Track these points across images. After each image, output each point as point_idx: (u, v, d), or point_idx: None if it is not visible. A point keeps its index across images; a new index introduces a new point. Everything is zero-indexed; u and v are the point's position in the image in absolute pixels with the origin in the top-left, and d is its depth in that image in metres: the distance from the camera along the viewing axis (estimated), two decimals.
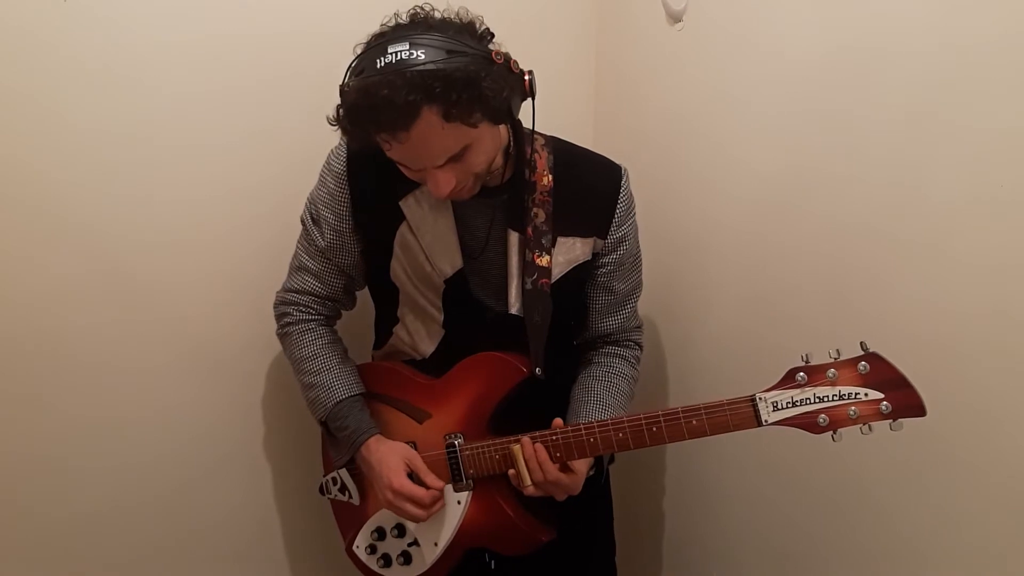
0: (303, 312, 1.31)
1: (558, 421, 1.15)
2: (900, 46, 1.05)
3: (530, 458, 1.13)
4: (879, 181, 1.11)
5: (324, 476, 1.35)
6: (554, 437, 1.14)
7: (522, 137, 1.19)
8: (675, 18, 1.47)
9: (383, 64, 0.98)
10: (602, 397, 1.26)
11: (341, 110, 1.04)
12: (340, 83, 1.04)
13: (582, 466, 1.16)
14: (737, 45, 1.34)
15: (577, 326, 1.35)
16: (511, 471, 1.15)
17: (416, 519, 1.19)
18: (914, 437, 1.07)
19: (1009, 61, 0.93)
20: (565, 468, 1.15)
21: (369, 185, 1.20)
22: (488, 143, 1.09)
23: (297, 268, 1.30)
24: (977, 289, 1.00)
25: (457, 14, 1.06)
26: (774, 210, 1.30)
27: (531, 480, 1.14)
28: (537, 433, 1.15)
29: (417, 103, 0.97)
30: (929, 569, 1.11)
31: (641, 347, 1.36)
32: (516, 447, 1.14)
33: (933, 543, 1.10)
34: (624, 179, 1.25)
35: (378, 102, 0.96)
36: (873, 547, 1.19)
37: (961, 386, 1.03)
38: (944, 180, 1.02)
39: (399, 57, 0.98)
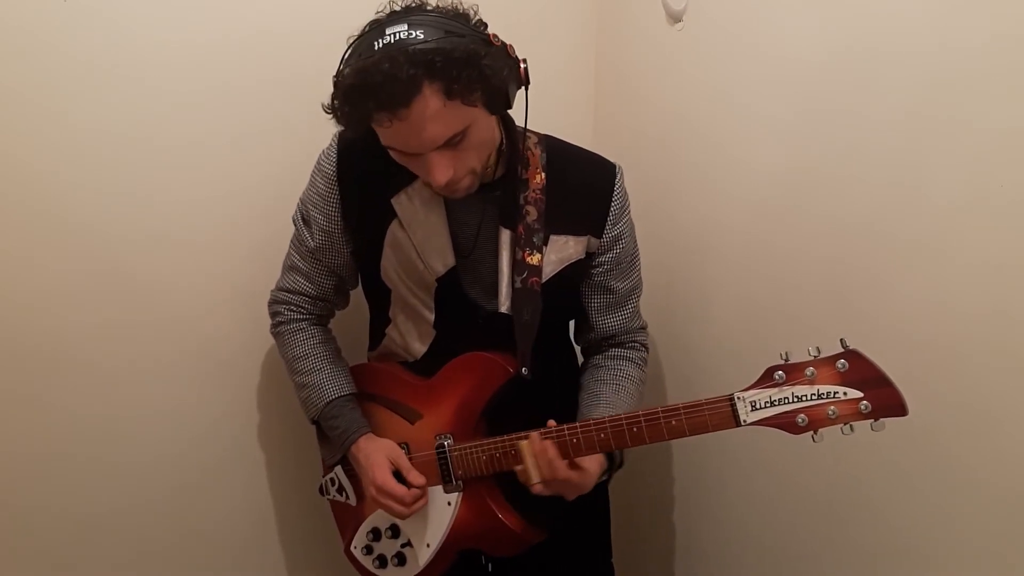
0: (294, 311, 1.31)
1: (552, 423, 1.13)
2: (900, 46, 1.05)
3: (539, 454, 1.10)
4: (879, 181, 1.11)
5: (323, 476, 1.35)
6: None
7: (515, 133, 1.19)
8: (675, 18, 1.47)
9: (381, 44, 0.98)
10: (610, 400, 1.24)
11: (337, 97, 1.02)
12: (334, 74, 1.03)
13: (593, 464, 1.14)
14: (737, 45, 1.34)
15: (580, 329, 1.35)
16: (518, 467, 1.13)
17: (399, 516, 1.19)
18: (915, 438, 1.07)
19: (1009, 61, 0.93)
20: (574, 465, 1.12)
21: (360, 184, 1.20)
22: (484, 131, 1.08)
23: (289, 268, 1.31)
24: (977, 289, 1.00)
25: (451, 4, 1.06)
26: (774, 210, 1.30)
27: (539, 477, 1.10)
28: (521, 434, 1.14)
29: (419, 77, 0.96)
30: (929, 570, 1.11)
31: (647, 348, 1.35)
32: (523, 443, 1.11)
33: (934, 544, 1.10)
34: (618, 176, 1.24)
35: (379, 78, 0.95)
36: (873, 548, 1.19)
37: (961, 386, 1.03)
38: (944, 180, 1.02)
39: (398, 37, 0.97)
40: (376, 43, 0.98)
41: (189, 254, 1.43)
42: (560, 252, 1.21)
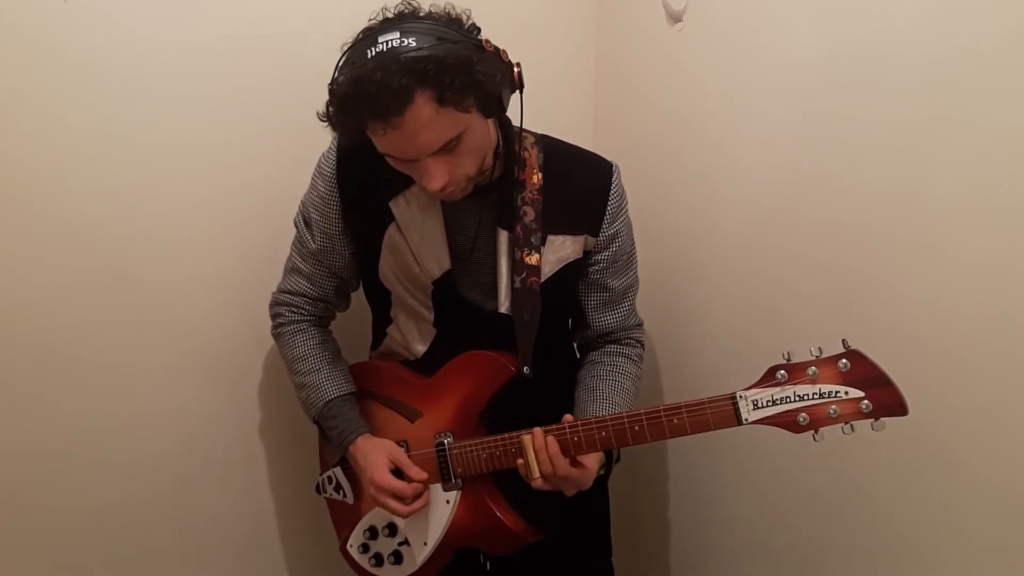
0: (295, 313, 1.32)
1: (568, 417, 1.13)
2: (900, 46, 1.05)
3: (540, 449, 1.11)
4: (879, 181, 1.11)
5: (320, 475, 1.36)
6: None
7: (511, 134, 1.19)
8: (675, 18, 1.47)
9: (374, 53, 0.98)
10: (607, 396, 1.25)
11: (331, 105, 1.03)
12: (329, 82, 1.03)
13: (592, 461, 1.14)
14: (737, 45, 1.34)
15: (576, 326, 1.35)
16: (520, 460, 1.13)
17: (398, 514, 1.19)
18: (915, 438, 1.07)
19: (1009, 61, 0.93)
20: (575, 462, 1.13)
21: (359, 187, 1.20)
22: (479, 135, 1.08)
23: (290, 270, 1.31)
24: (977, 289, 1.00)
25: (444, 9, 1.06)
26: (774, 210, 1.30)
27: (540, 472, 1.11)
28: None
29: (410, 86, 0.96)
30: (929, 569, 1.11)
31: (643, 345, 1.36)
32: (527, 437, 1.12)
33: (934, 543, 1.10)
34: (615, 175, 1.24)
35: (371, 88, 0.96)
36: (873, 547, 1.19)
37: (961, 386, 1.03)
38: (944, 180, 1.02)
39: (390, 45, 0.98)
40: (369, 51, 0.98)
41: (189, 254, 1.43)
42: (558, 252, 1.22)
